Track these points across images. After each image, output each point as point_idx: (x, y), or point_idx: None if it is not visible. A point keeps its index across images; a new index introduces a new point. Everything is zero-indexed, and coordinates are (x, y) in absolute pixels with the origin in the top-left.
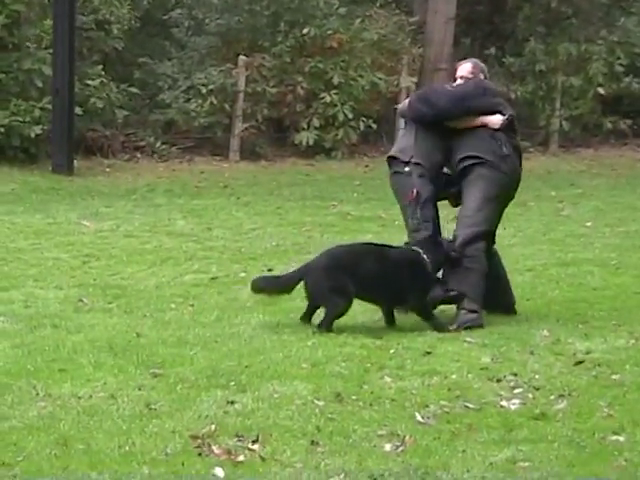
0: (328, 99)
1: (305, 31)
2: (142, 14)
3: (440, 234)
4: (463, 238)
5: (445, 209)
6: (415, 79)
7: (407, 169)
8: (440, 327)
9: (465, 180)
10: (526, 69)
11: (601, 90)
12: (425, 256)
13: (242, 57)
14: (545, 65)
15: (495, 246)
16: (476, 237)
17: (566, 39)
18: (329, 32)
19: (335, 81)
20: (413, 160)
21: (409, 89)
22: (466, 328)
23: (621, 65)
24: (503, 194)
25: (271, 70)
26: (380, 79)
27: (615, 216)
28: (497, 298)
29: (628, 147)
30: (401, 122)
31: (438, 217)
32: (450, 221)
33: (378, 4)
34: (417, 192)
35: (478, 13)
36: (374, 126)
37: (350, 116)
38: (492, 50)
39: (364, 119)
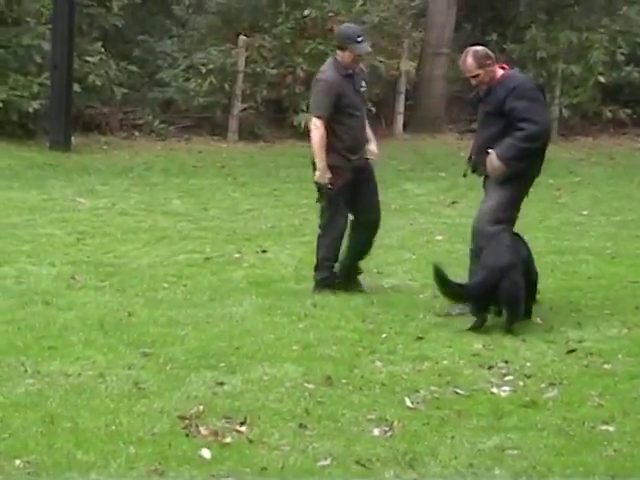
0: None
1: (306, 12)
2: None
3: None
4: None
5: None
6: (415, 63)
7: None
8: None
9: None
10: (527, 56)
11: (601, 78)
12: None
13: (242, 37)
14: (546, 52)
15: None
16: None
17: (567, 27)
18: (330, 14)
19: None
20: None
21: (409, 73)
22: (458, 314)
23: (622, 54)
24: None
25: (271, 51)
26: (380, 62)
27: (612, 205)
28: None
29: (627, 136)
30: None
31: None
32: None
33: None
34: None
35: None
36: (373, 109)
37: None
38: (493, 36)
39: None
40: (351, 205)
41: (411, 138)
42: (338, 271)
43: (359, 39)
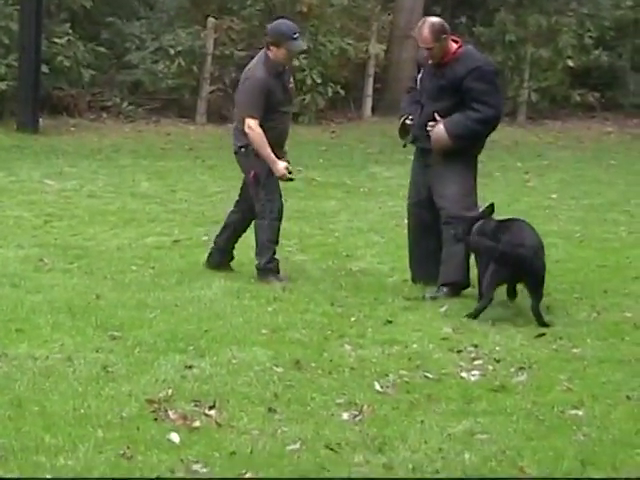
0: (296, 64)
1: None
2: None
3: None
4: None
5: None
6: (384, 46)
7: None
8: None
9: None
10: (496, 39)
11: (570, 62)
12: None
13: (211, 19)
14: (515, 36)
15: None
16: None
17: (536, 10)
18: None
19: (304, 46)
20: None
21: (378, 56)
22: (432, 298)
23: (590, 38)
24: None
25: (240, 33)
26: (349, 45)
27: (580, 189)
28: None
29: (595, 120)
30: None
31: None
32: None
33: None
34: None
35: None
36: (342, 92)
37: (318, 81)
38: (462, 19)
39: (332, 85)
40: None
41: (380, 121)
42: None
43: (295, 36)
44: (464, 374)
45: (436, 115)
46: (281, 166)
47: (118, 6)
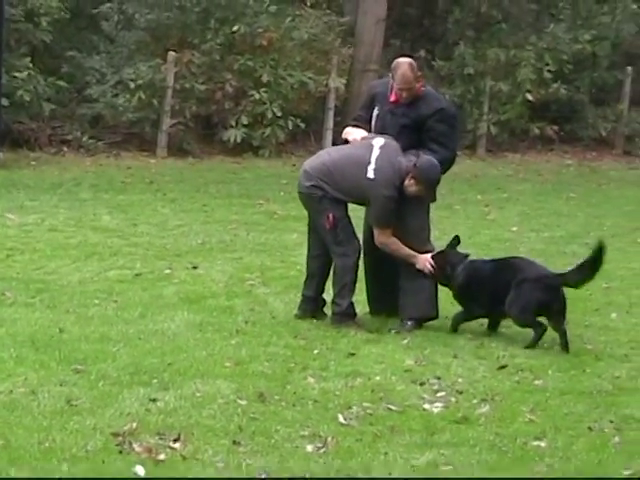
0: (257, 97)
1: (235, 28)
2: (71, 6)
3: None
4: None
5: None
6: (344, 79)
7: None
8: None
9: None
10: (455, 72)
11: (529, 96)
12: None
13: (171, 53)
14: (474, 69)
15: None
16: None
17: (495, 44)
18: (259, 30)
19: (264, 79)
20: None
21: (338, 89)
22: (394, 331)
23: (549, 71)
24: None
25: (200, 67)
26: (309, 78)
27: (541, 221)
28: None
29: (554, 153)
30: None
31: None
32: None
33: (309, 3)
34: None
35: (408, 15)
36: (302, 125)
37: (279, 114)
38: (422, 53)
39: (292, 118)
40: None
41: None
42: None
43: None
44: (427, 406)
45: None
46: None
47: (78, 40)
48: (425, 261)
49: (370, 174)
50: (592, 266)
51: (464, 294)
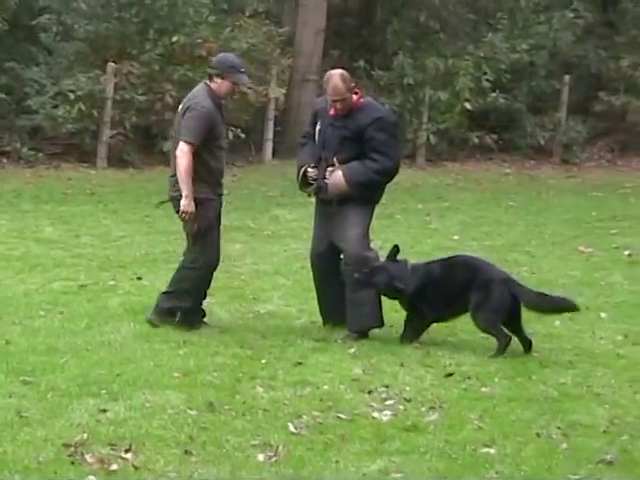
0: None
1: (174, 39)
2: (9, 18)
3: None
4: None
5: None
6: (284, 90)
7: None
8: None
9: None
10: (394, 82)
11: (468, 105)
12: None
13: (111, 64)
14: (413, 79)
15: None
16: None
17: (434, 53)
18: (198, 40)
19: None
20: None
21: (278, 99)
22: (340, 340)
23: (487, 80)
24: None
25: (140, 78)
26: (249, 89)
27: (481, 230)
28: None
29: (493, 162)
30: None
31: None
32: None
33: (248, 14)
34: None
35: (347, 26)
36: (242, 135)
37: None
38: (361, 63)
39: (233, 128)
40: None
41: (280, 164)
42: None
43: (242, 69)
44: (376, 414)
45: (335, 160)
46: (192, 204)
47: (17, 52)
48: (187, 206)
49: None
50: (552, 305)
51: (418, 300)
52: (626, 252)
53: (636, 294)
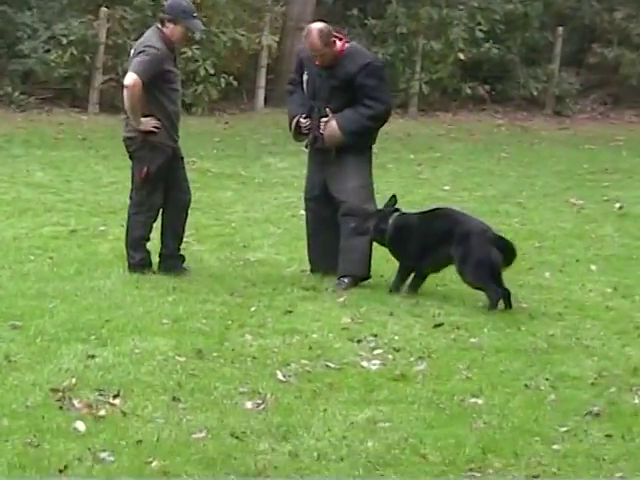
0: (189, 54)
1: None
2: None
3: None
4: None
5: None
6: (277, 37)
7: None
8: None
9: None
10: (387, 31)
11: (461, 55)
12: None
13: (103, 9)
14: (406, 28)
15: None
16: None
17: (428, 3)
18: None
19: (197, 36)
20: None
21: (270, 47)
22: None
23: (481, 31)
24: None
25: (132, 23)
26: (242, 36)
27: (473, 180)
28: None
29: (486, 112)
30: None
31: None
32: None
33: None
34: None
35: None
36: (235, 83)
37: (211, 72)
38: (354, 11)
39: (225, 76)
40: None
41: (272, 112)
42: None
43: (194, 14)
44: (365, 363)
45: (328, 110)
46: (151, 123)
47: None
48: (147, 124)
49: None
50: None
51: (396, 247)
52: (617, 205)
53: (626, 247)
